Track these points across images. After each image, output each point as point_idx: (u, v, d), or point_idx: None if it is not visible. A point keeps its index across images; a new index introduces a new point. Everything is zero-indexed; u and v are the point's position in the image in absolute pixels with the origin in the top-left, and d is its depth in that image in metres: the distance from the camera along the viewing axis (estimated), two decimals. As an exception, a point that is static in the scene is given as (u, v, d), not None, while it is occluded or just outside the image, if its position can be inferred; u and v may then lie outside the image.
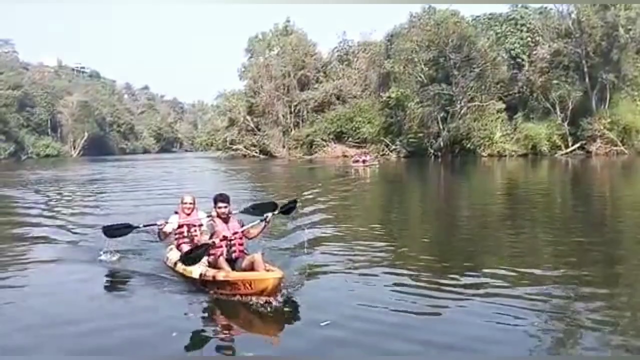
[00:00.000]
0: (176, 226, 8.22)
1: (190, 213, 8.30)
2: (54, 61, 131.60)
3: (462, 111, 48.75)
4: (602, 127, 45.17)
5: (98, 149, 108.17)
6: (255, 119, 66.79)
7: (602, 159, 40.62)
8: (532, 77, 48.86)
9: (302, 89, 66.08)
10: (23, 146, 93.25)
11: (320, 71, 67.41)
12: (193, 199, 8.45)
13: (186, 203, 8.34)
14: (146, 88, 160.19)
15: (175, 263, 7.44)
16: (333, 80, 64.56)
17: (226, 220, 6.88)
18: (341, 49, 68.01)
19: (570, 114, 46.47)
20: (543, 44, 49.39)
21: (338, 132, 59.72)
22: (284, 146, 64.98)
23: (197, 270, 6.64)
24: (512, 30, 52.20)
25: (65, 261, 8.73)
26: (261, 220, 7.07)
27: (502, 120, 48.84)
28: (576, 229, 11.36)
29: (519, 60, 51.13)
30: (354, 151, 53.15)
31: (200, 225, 7.91)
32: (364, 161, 38.83)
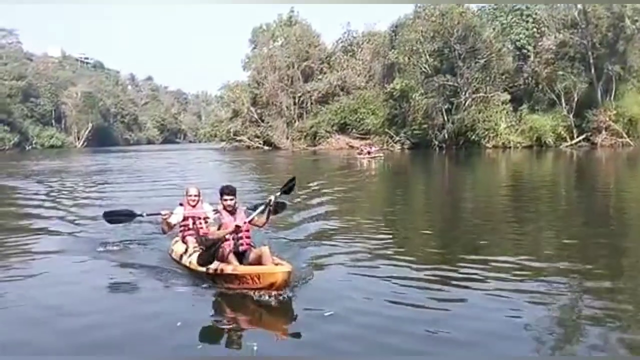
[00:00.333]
0: (181, 218, 8.10)
1: (195, 205, 8.19)
2: (58, 52, 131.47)
3: (467, 102, 48.39)
4: (608, 119, 44.83)
5: (102, 140, 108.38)
6: (259, 110, 66.63)
7: (608, 151, 40.41)
8: (538, 69, 48.48)
9: (306, 80, 65.88)
10: (27, 137, 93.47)
11: (324, 62, 67.12)
12: (198, 191, 8.33)
13: (191, 195, 8.21)
14: (150, 79, 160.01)
15: (180, 256, 7.36)
16: (337, 71, 64.30)
17: (232, 212, 6.74)
18: (345, 40, 67.70)
19: (575, 106, 46.09)
20: (549, 35, 49.00)
21: (342, 124, 59.61)
22: (288, 137, 64.90)
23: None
24: (518, 21, 51.72)
25: (68, 252, 8.65)
26: (265, 205, 6.94)
27: (507, 111, 48.48)
28: (581, 222, 11.35)
29: (525, 51, 50.74)
30: (358, 142, 53.07)
31: (205, 217, 7.85)
32: (369, 152, 38.56)
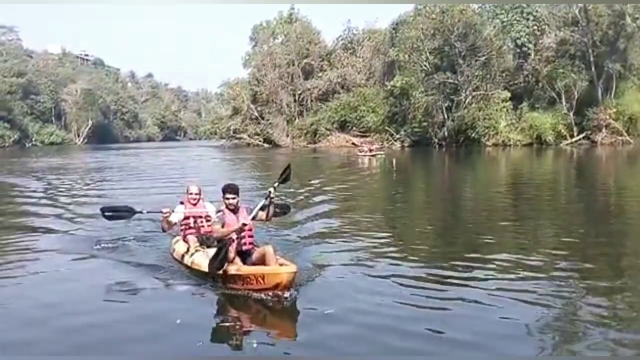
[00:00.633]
0: (182, 217, 8.02)
1: (196, 203, 8.11)
2: (58, 49, 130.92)
3: (467, 100, 48.42)
4: (608, 117, 44.90)
5: (102, 137, 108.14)
6: (259, 108, 66.57)
7: (608, 149, 40.44)
8: (538, 66, 48.56)
9: (307, 78, 65.86)
10: (27, 134, 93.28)
11: (324, 59, 67.08)
12: (199, 189, 8.23)
13: (192, 193, 8.11)
14: (150, 76, 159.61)
15: (182, 255, 7.29)
16: (337, 68, 64.32)
17: (235, 211, 6.65)
18: (346, 37, 67.72)
19: (575, 104, 46.15)
20: (549, 33, 49.03)
21: (342, 121, 59.64)
22: (288, 135, 64.87)
23: (207, 263, 6.40)
24: (518, 18, 51.64)
25: (67, 250, 8.61)
26: (265, 197, 6.79)
27: (507, 109, 48.53)
28: (581, 220, 11.37)
29: (525, 49, 50.71)
30: (359, 140, 53.06)
31: (207, 216, 7.83)
32: (370, 150, 38.66)
